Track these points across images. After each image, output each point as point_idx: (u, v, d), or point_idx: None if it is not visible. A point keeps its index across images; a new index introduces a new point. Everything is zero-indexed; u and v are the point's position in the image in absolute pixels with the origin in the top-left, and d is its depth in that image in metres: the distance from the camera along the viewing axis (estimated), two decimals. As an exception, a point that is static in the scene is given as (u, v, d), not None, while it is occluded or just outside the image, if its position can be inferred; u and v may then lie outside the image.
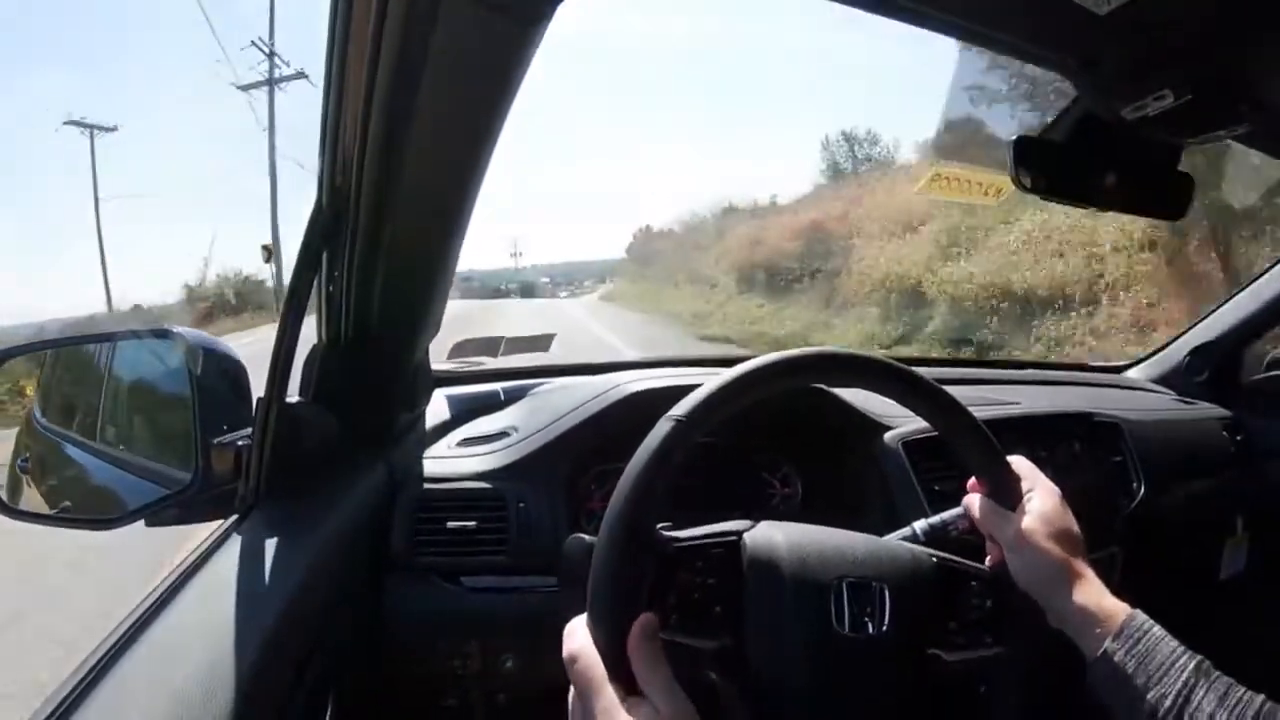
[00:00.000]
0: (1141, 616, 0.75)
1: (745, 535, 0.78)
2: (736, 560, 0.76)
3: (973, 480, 0.87)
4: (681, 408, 0.73)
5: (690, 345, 15.26)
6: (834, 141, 26.39)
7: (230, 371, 0.96)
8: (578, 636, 0.68)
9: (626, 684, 0.65)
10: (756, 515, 0.80)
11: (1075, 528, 0.82)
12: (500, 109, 0.76)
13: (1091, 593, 0.77)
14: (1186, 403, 1.87)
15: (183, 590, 0.79)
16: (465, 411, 1.35)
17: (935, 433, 0.86)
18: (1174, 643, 0.73)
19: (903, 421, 1.30)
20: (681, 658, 0.66)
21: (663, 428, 0.72)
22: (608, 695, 0.65)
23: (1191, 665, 0.71)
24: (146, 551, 2.87)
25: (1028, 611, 0.80)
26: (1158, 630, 0.74)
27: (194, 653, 0.69)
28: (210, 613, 0.75)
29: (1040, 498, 0.83)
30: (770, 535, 0.78)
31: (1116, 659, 0.72)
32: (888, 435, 1.28)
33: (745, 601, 0.75)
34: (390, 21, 0.68)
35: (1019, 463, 0.86)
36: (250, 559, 0.83)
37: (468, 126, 0.79)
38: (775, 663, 0.75)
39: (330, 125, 0.86)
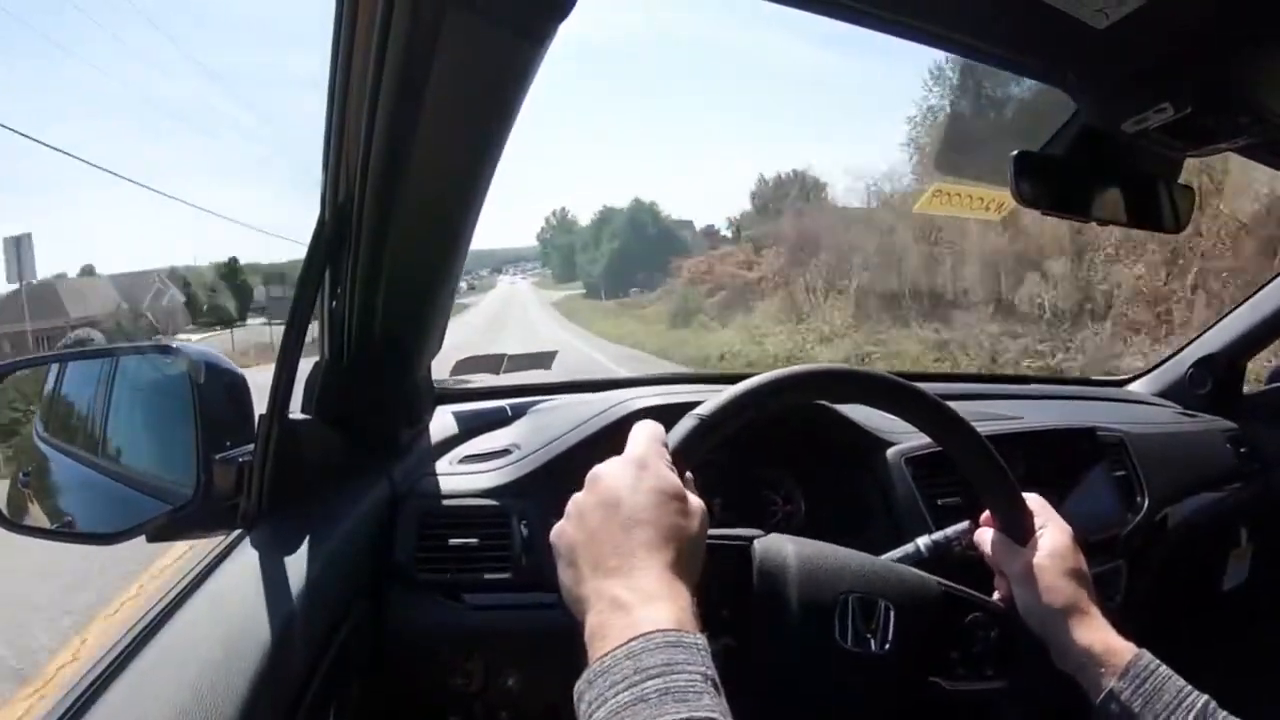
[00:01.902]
0: (1148, 656, 0.75)
1: (756, 542, 0.79)
2: (746, 565, 0.77)
3: (986, 514, 0.88)
4: (705, 406, 0.76)
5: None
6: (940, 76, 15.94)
7: (232, 387, 0.95)
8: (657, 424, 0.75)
9: (675, 464, 0.70)
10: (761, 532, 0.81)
11: (1085, 567, 0.82)
12: (503, 125, 0.77)
13: (1098, 632, 0.77)
14: (1190, 416, 1.87)
15: (184, 606, 0.79)
16: (469, 428, 1.34)
17: (939, 449, 0.86)
18: (1181, 682, 0.73)
19: (905, 437, 1.29)
20: None
21: (686, 424, 0.75)
22: (660, 450, 0.71)
23: (1199, 705, 0.71)
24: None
25: (1033, 648, 0.80)
26: (1164, 670, 0.74)
27: (195, 669, 0.69)
28: (211, 629, 0.75)
29: (1052, 535, 0.83)
30: (781, 546, 0.79)
31: (1123, 698, 0.72)
32: (891, 451, 1.28)
33: (752, 605, 0.76)
34: (394, 40, 0.68)
35: (1032, 500, 0.87)
36: (252, 575, 0.83)
37: (470, 143, 0.79)
38: (776, 668, 0.76)
39: (334, 142, 0.87)
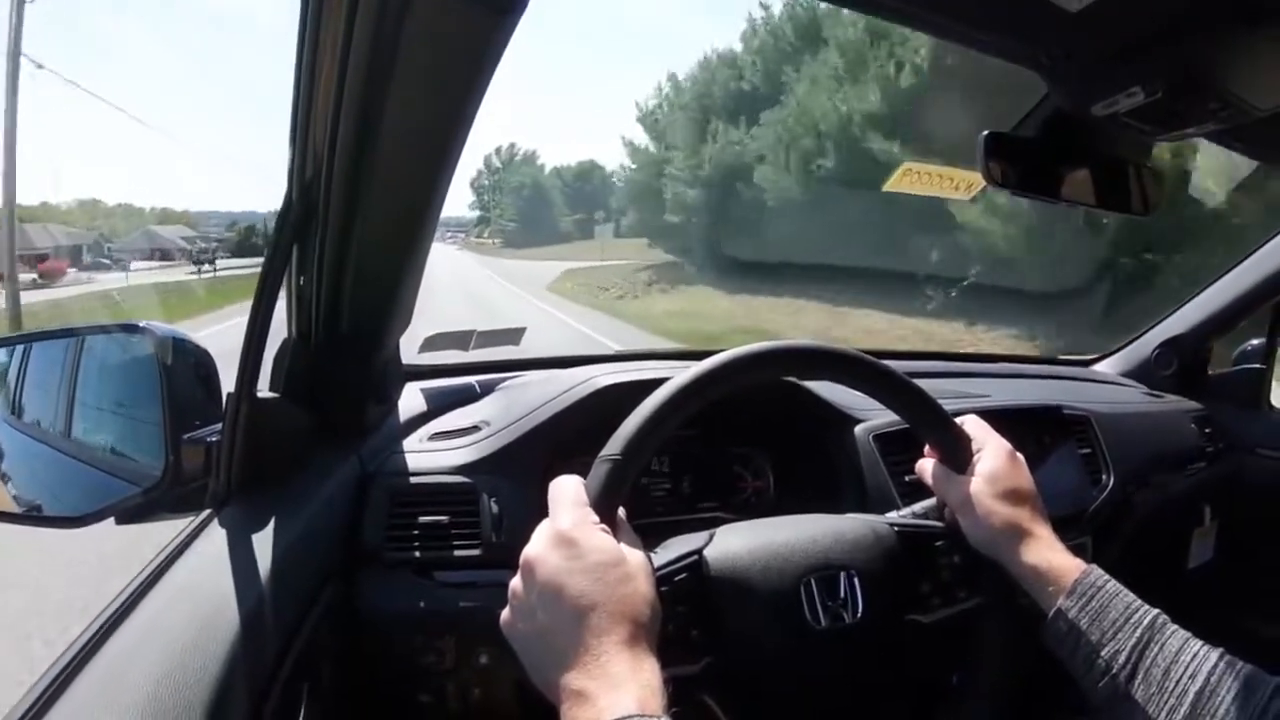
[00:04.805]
0: (1097, 572, 0.74)
1: (705, 552, 0.77)
2: (701, 581, 0.76)
3: (929, 446, 0.87)
4: (613, 445, 0.72)
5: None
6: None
7: (200, 366, 0.94)
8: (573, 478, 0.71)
9: (603, 518, 0.67)
10: (729, 510, 0.79)
11: (1026, 484, 0.81)
12: (473, 99, 0.76)
13: (1041, 550, 0.77)
14: (1156, 396, 1.90)
15: (154, 588, 0.78)
16: (438, 405, 1.34)
17: (906, 425, 0.87)
18: (1130, 598, 0.73)
19: (873, 414, 1.30)
20: (669, 689, 0.61)
21: (599, 472, 0.71)
22: (584, 513, 0.67)
23: (1146, 620, 0.71)
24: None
25: (993, 564, 0.80)
26: (1112, 586, 0.73)
27: (167, 652, 0.68)
28: (183, 611, 0.75)
29: (988, 458, 0.82)
30: (729, 546, 0.78)
31: (1070, 616, 0.72)
32: (859, 428, 1.29)
33: (719, 619, 0.75)
34: (362, 12, 0.67)
35: (970, 423, 0.86)
36: (222, 556, 0.82)
37: (440, 117, 0.78)
38: (761, 671, 0.75)
39: (300, 118, 0.85)
